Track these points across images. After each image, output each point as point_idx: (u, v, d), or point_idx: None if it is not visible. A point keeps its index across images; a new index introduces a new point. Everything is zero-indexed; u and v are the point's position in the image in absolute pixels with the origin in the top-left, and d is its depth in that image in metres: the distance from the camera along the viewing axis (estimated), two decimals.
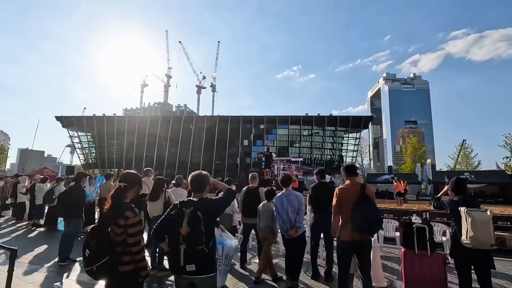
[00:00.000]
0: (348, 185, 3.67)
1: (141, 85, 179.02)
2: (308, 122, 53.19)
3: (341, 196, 3.58)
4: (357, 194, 3.49)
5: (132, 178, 2.59)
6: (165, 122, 53.91)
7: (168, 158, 51.93)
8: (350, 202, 3.48)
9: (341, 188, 3.67)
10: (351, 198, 3.49)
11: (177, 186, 6.41)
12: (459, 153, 47.88)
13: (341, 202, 3.56)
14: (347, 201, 3.51)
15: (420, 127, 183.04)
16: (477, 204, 3.62)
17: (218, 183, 2.86)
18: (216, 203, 2.49)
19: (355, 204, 3.43)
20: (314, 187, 5.06)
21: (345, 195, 3.56)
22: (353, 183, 3.67)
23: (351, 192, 3.55)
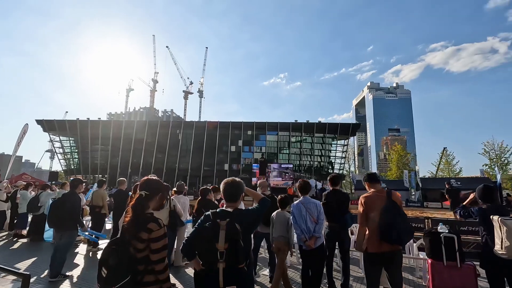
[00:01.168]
0: (373, 193, 3.46)
1: (127, 90, 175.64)
2: (297, 129, 53.47)
3: (368, 205, 3.36)
4: (384, 202, 3.29)
5: (154, 186, 2.27)
6: (152, 127, 52.78)
7: (155, 164, 50.67)
8: (377, 210, 3.27)
9: (366, 196, 3.46)
10: (378, 207, 3.28)
11: (178, 193, 6.04)
12: (440, 160, 49.28)
13: (367, 212, 3.35)
14: (374, 210, 3.30)
15: (402, 135, 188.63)
16: (508, 212, 3.50)
17: (250, 191, 2.57)
18: (254, 214, 2.21)
19: (382, 213, 3.23)
20: (327, 194, 4.83)
21: (372, 203, 3.35)
22: (378, 190, 3.47)
23: (377, 200, 3.35)
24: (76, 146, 54.56)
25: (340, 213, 4.63)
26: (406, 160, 53.18)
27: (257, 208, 2.27)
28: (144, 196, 2.13)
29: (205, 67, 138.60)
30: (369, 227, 3.33)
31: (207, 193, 5.06)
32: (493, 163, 40.25)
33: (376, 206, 3.29)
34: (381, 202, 3.30)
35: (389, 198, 3.33)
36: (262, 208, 2.29)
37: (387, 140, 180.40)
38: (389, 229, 3.14)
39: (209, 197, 5.04)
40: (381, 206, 3.27)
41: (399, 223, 3.16)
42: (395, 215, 3.20)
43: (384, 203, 3.29)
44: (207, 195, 5.04)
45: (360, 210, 3.42)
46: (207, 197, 5.01)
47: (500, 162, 39.77)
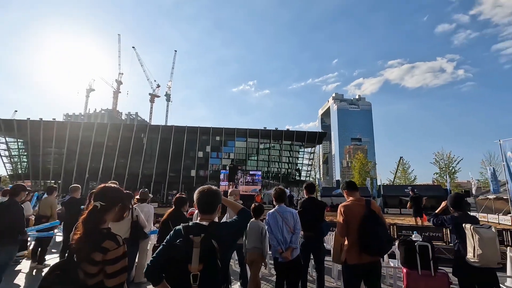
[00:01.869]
0: (352, 202, 3.35)
1: (87, 90, 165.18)
2: (266, 136, 53.87)
3: (347, 214, 3.24)
4: (364, 211, 3.19)
5: (112, 195, 1.88)
6: (114, 130, 49.70)
7: (116, 169, 47.62)
8: (357, 220, 3.16)
9: (345, 205, 3.33)
10: (358, 216, 3.17)
11: (141, 201, 5.51)
12: (397, 169, 52.67)
13: (347, 221, 3.22)
14: (353, 220, 3.19)
15: (364, 144, 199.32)
16: (477, 220, 3.60)
17: (228, 201, 2.27)
18: (234, 228, 1.92)
19: (362, 222, 3.12)
20: (303, 202, 4.68)
21: (351, 212, 3.23)
22: (357, 199, 3.37)
23: (357, 209, 3.24)
24: (25, 149, 49.51)
25: (316, 222, 4.49)
26: (367, 168, 55.97)
27: (237, 220, 1.98)
28: (100, 207, 1.75)
29: (174, 70, 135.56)
30: (349, 238, 3.21)
31: (182, 204, 4.21)
32: (442, 171, 43.78)
33: (355, 216, 3.18)
34: (360, 211, 3.20)
35: (368, 207, 3.23)
36: (243, 220, 2.01)
37: (349, 149, 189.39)
38: (370, 239, 3.03)
39: (183, 209, 4.24)
40: (361, 215, 3.16)
41: (379, 233, 3.07)
42: (375, 225, 3.11)
43: (364, 212, 3.19)
44: (182, 206, 4.20)
45: (340, 219, 3.29)
46: (181, 209, 4.20)
47: (448, 171, 43.39)
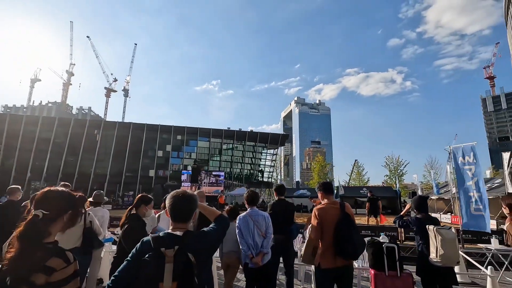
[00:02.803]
0: (327, 205, 3.30)
1: (32, 80, 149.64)
2: (230, 136, 53.45)
3: (323, 217, 3.18)
4: (338, 214, 3.17)
5: (58, 201, 1.53)
6: (63, 125, 45.28)
7: (64, 169, 43.41)
8: (332, 223, 3.12)
9: (320, 208, 3.28)
10: (333, 219, 3.13)
11: (95, 205, 4.95)
12: (352, 171, 55.92)
13: (322, 225, 3.16)
14: (328, 223, 3.14)
15: (322, 147, 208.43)
16: (438, 221, 3.79)
17: (203, 206, 2.02)
18: (213, 237, 1.69)
19: (337, 226, 3.09)
20: (273, 204, 4.57)
21: (326, 215, 3.18)
22: (332, 202, 3.34)
23: (331, 212, 3.20)
24: None
25: (286, 224, 4.42)
26: (325, 170, 58.51)
27: (215, 229, 1.76)
28: (42, 217, 1.40)
29: (133, 64, 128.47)
30: (323, 241, 3.15)
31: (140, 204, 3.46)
32: (392, 174, 47.43)
33: (330, 219, 3.14)
34: (335, 215, 3.16)
35: (343, 211, 3.21)
36: (221, 228, 1.79)
37: (309, 151, 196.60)
38: (345, 243, 3.00)
39: (141, 211, 3.45)
40: (336, 218, 3.13)
41: (354, 236, 3.06)
42: (350, 228, 3.09)
43: (338, 215, 3.16)
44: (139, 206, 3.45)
45: (314, 222, 3.22)
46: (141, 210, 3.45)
47: (397, 174, 47.13)
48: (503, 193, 12.99)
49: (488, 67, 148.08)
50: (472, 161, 6.13)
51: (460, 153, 6.27)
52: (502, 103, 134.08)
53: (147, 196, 3.80)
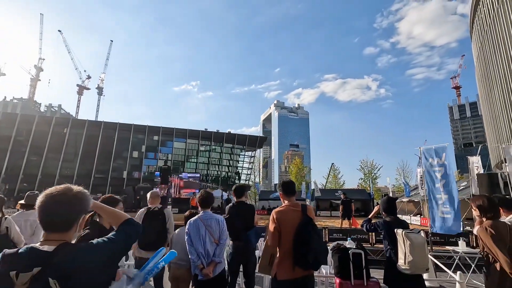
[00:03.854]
0: (287, 207, 2.91)
1: None
2: (207, 138, 52.45)
3: (281, 221, 2.78)
4: (300, 218, 2.78)
5: None
6: (25, 122, 42.12)
7: (26, 169, 40.36)
8: (291, 228, 2.72)
9: (279, 211, 2.86)
10: (293, 224, 2.74)
11: (28, 208, 4.25)
12: (329, 174, 56.93)
13: (280, 230, 2.76)
14: (287, 228, 2.74)
15: (301, 150, 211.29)
16: (407, 224, 3.53)
17: (100, 206, 1.52)
18: (104, 253, 1.21)
19: (298, 231, 2.70)
20: (231, 207, 4.12)
21: (286, 219, 2.78)
22: (292, 204, 2.94)
23: (292, 215, 2.80)
24: None
25: (245, 229, 3.98)
26: (303, 173, 59.05)
27: (111, 238, 1.27)
28: None
29: (108, 62, 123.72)
30: (281, 248, 2.75)
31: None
32: (366, 177, 48.74)
33: (290, 223, 2.73)
34: (296, 218, 2.76)
35: (304, 214, 2.82)
36: (123, 237, 1.32)
37: (288, 154, 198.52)
38: (306, 251, 2.62)
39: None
40: (296, 223, 2.73)
41: (315, 243, 2.69)
42: (311, 234, 2.71)
43: (300, 219, 2.76)
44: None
45: (271, 227, 2.80)
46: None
47: (371, 177, 48.47)
48: (468, 196, 13.40)
49: (455, 78, 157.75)
50: (443, 162, 6.05)
51: (431, 154, 6.18)
52: (467, 112, 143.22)
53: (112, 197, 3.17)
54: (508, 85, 30.90)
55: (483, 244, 2.56)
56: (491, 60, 44.27)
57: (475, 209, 2.73)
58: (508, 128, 31.14)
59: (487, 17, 45.75)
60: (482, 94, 54.24)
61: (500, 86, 33.35)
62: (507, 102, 31.39)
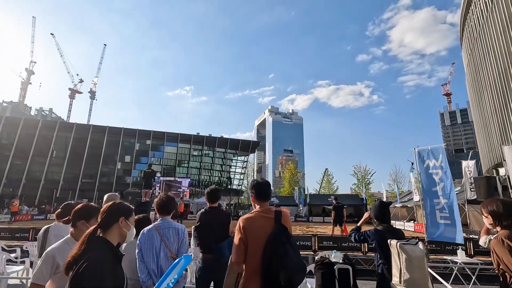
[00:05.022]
0: (257, 214, 2.33)
1: None
2: (199, 142, 51.67)
3: (249, 231, 2.22)
4: (272, 227, 2.23)
5: None
6: (10, 125, 40.78)
7: (9, 174, 38.90)
8: (261, 240, 2.17)
9: (247, 218, 2.28)
10: (263, 234, 2.18)
11: None
12: (323, 179, 56.72)
13: (247, 241, 2.20)
14: (256, 239, 2.18)
15: (295, 156, 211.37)
16: (402, 234, 3.01)
17: None
18: None
19: (269, 243, 2.15)
20: (202, 214, 3.55)
21: (255, 229, 2.22)
22: (264, 210, 2.38)
23: (263, 224, 2.24)
24: None
25: (218, 240, 3.40)
26: (296, 178, 58.63)
27: None
28: None
29: (101, 65, 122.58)
30: (248, 265, 2.19)
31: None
32: (359, 182, 48.54)
33: (260, 233, 2.16)
34: (267, 227, 2.20)
35: (278, 222, 2.26)
36: None
37: (282, 159, 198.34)
38: (278, 268, 2.06)
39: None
40: (268, 233, 2.18)
41: (290, 259, 2.13)
42: (286, 248, 2.15)
43: (272, 228, 2.21)
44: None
45: (236, 239, 2.24)
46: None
47: (364, 182, 48.29)
48: (463, 201, 13.04)
49: (446, 85, 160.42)
50: (440, 164, 5.59)
51: (427, 156, 5.72)
52: (458, 118, 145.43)
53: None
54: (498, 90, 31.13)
55: (498, 260, 2.05)
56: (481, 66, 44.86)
57: (486, 216, 2.23)
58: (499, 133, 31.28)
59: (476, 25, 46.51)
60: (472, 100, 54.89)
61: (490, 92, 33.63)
62: (497, 107, 31.60)
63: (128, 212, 1.91)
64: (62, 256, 1.96)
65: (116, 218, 1.80)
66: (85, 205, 2.43)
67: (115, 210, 1.84)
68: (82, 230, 2.19)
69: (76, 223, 2.25)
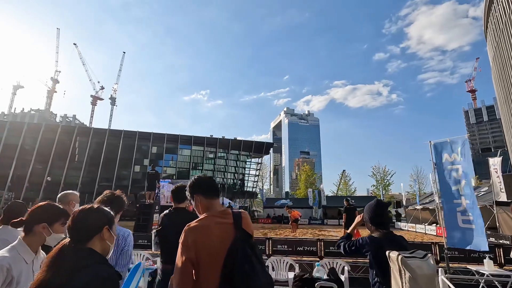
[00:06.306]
0: (208, 218, 1.69)
1: (14, 86, 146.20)
2: (212, 144, 51.74)
3: (201, 247, 1.57)
4: (232, 236, 1.61)
5: None
6: (32, 131, 42.55)
7: (31, 177, 40.49)
8: (220, 255, 1.53)
9: (195, 227, 1.63)
10: (222, 247, 1.55)
11: None
12: (340, 181, 55.30)
13: (198, 261, 1.59)
14: (212, 256, 1.55)
15: (311, 157, 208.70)
16: (405, 243, 2.34)
17: None
18: None
19: (231, 259, 1.54)
20: (165, 216, 3.03)
21: (210, 242, 1.59)
22: (219, 213, 1.76)
23: (219, 233, 1.61)
24: None
25: None
26: (312, 180, 57.43)
27: None
28: None
29: (121, 73, 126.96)
30: None
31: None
32: (378, 183, 46.79)
33: (217, 247, 1.56)
34: (226, 237, 1.58)
35: (238, 227, 1.66)
36: None
37: (299, 161, 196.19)
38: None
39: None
40: (227, 245, 1.56)
41: (258, 277, 1.51)
42: (253, 263, 1.54)
43: (232, 237, 1.59)
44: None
45: (181, 259, 1.56)
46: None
47: (383, 183, 46.48)
48: (491, 202, 11.83)
49: (470, 81, 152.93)
50: (460, 159, 4.78)
51: (445, 149, 4.92)
52: (484, 116, 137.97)
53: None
54: None
55: None
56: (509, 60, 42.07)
57: None
58: None
59: (502, 17, 43.75)
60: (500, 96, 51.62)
61: None
62: None
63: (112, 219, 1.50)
64: (17, 269, 1.57)
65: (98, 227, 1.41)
66: (48, 204, 1.97)
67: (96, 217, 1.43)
68: (41, 237, 1.76)
69: (32, 227, 1.75)
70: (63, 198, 3.18)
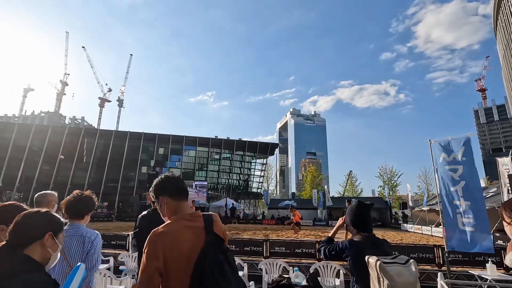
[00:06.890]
0: (179, 222, 1.52)
1: (25, 89, 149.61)
2: (217, 145, 51.78)
3: (170, 254, 1.40)
4: (203, 241, 1.46)
5: None
6: (40, 132, 43.28)
7: (39, 178, 41.16)
8: (190, 262, 1.38)
9: (162, 233, 1.46)
10: (192, 253, 1.40)
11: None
12: (347, 182, 54.75)
13: (166, 270, 1.40)
14: (182, 263, 1.40)
15: (318, 158, 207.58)
16: (389, 248, 2.18)
17: None
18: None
19: (201, 267, 1.36)
20: (143, 217, 2.93)
21: (179, 248, 1.42)
22: (188, 216, 1.56)
23: (187, 237, 1.46)
24: None
25: None
26: (318, 181, 56.97)
27: None
28: None
29: (128, 75, 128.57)
30: None
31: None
32: (385, 184, 46.10)
33: (187, 253, 1.41)
34: (196, 242, 1.45)
35: (210, 232, 1.50)
36: None
37: (305, 162, 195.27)
38: None
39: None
40: (197, 251, 1.41)
41: (228, 285, 1.36)
42: (225, 270, 1.37)
43: (203, 242, 1.46)
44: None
45: (149, 268, 1.38)
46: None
47: (390, 184, 45.79)
48: (499, 203, 11.44)
49: (479, 80, 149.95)
50: (461, 159, 4.57)
51: (444, 149, 4.72)
52: (494, 115, 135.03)
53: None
54: None
55: None
56: None
57: (510, 222, 1.41)
58: None
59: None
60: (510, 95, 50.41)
61: None
62: None
63: (59, 226, 1.40)
64: None
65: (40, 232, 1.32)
66: (10, 205, 1.87)
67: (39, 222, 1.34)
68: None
69: None
70: (42, 199, 3.10)
